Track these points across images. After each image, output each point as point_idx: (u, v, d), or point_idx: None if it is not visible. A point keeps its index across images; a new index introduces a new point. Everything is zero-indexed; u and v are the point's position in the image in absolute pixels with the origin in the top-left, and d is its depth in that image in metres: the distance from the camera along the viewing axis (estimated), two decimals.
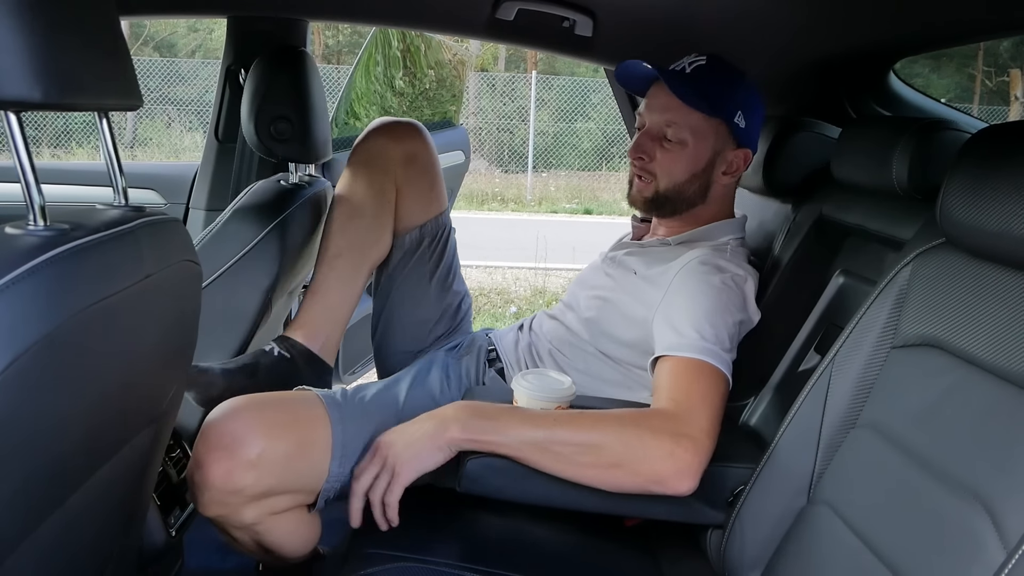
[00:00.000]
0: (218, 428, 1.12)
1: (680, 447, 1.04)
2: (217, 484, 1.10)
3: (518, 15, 1.63)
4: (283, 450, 1.14)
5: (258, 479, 1.12)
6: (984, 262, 0.90)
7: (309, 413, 1.21)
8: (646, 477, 1.05)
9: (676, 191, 1.39)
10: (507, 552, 1.17)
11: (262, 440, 1.12)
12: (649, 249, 1.44)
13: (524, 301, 5.36)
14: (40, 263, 0.63)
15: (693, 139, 1.37)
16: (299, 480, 1.18)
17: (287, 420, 1.18)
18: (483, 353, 1.52)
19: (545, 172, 11.26)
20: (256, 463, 1.11)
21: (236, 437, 1.11)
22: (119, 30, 0.80)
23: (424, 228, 1.60)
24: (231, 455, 1.10)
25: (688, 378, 1.14)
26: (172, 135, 11.00)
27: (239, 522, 1.16)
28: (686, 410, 1.09)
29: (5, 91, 0.64)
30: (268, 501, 1.16)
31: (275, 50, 1.70)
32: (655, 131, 1.38)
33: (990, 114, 11.56)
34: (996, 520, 0.74)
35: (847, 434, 1.02)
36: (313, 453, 1.18)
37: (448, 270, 1.64)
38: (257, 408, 1.16)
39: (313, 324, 1.52)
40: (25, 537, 0.68)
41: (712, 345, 1.17)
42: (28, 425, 0.63)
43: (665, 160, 1.38)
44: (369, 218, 1.56)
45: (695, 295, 1.25)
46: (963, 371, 0.87)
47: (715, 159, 1.39)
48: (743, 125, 1.39)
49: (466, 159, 2.71)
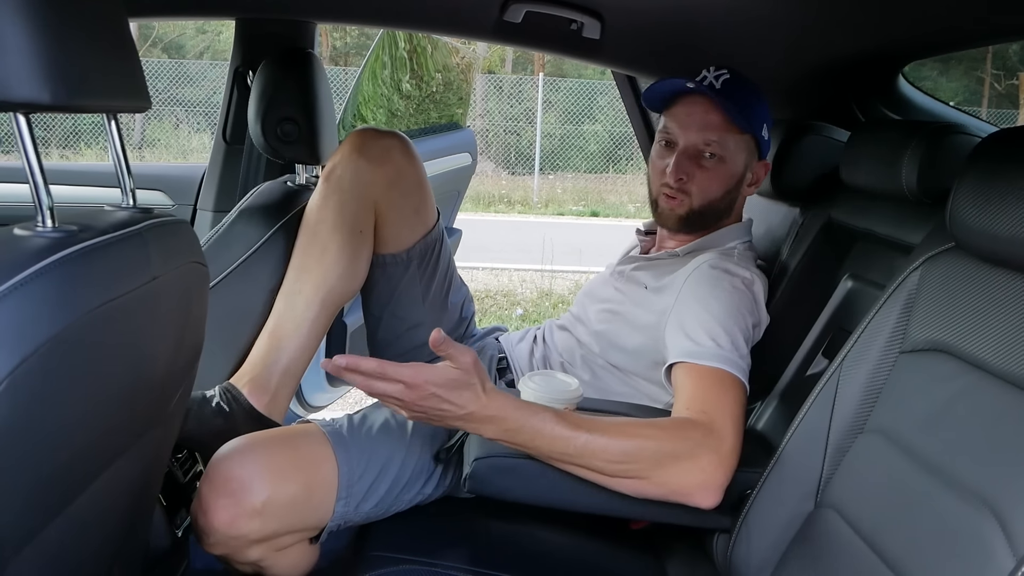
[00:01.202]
0: (223, 473, 1.11)
1: (712, 465, 1.05)
2: (222, 530, 1.10)
3: (526, 17, 1.63)
4: (289, 495, 1.13)
5: (263, 525, 1.11)
6: (994, 267, 0.90)
7: (315, 453, 1.18)
8: (673, 490, 1.06)
9: (710, 207, 1.38)
10: (512, 555, 1.16)
11: (268, 487, 1.11)
12: (658, 262, 1.43)
13: (530, 303, 5.36)
14: (48, 264, 0.63)
15: (730, 155, 1.36)
16: (304, 521, 1.17)
17: (293, 463, 1.16)
18: (493, 363, 1.50)
19: (552, 174, 11.26)
20: (261, 511, 1.10)
21: (241, 483, 1.10)
22: (128, 32, 0.80)
23: (411, 251, 1.48)
24: (236, 503, 1.09)
25: (714, 390, 1.13)
26: (180, 136, 11.04)
27: (243, 559, 1.16)
28: (717, 426, 1.08)
29: (14, 93, 0.64)
30: (272, 542, 1.15)
31: (282, 52, 1.70)
32: (692, 150, 1.35)
33: (999, 117, 11.52)
34: (1005, 526, 0.73)
35: (855, 439, 1.01)
36: (318, 495, 1.17)
37: (443, 284, 1.55)
38: (263, 450, 1.14)
39: (263, 375, 1.38)
40: (32, 538, 0.68)
41: (731, 354, 1.17)
42: (36, 426, 0.63)
43: (703, 178, 1.36)
44: (335, 253, 1.42)
45: (707, 300, 1.24)
46: (972, 376, 0.87)
47: (745, 173, 1.40)
48: (767, 137, 1.41)
49: (473, 161, 2.71)
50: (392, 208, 1.45)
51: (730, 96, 1.33)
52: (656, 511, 1.13)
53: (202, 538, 1.12)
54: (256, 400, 1.37)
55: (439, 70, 2.88)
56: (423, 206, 1.49)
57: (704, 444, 1.06)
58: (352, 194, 1.43)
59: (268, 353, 1.40)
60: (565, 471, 1.07)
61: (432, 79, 2.86)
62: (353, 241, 1.43)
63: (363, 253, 1.45)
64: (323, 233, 1.43)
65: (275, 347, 1.40)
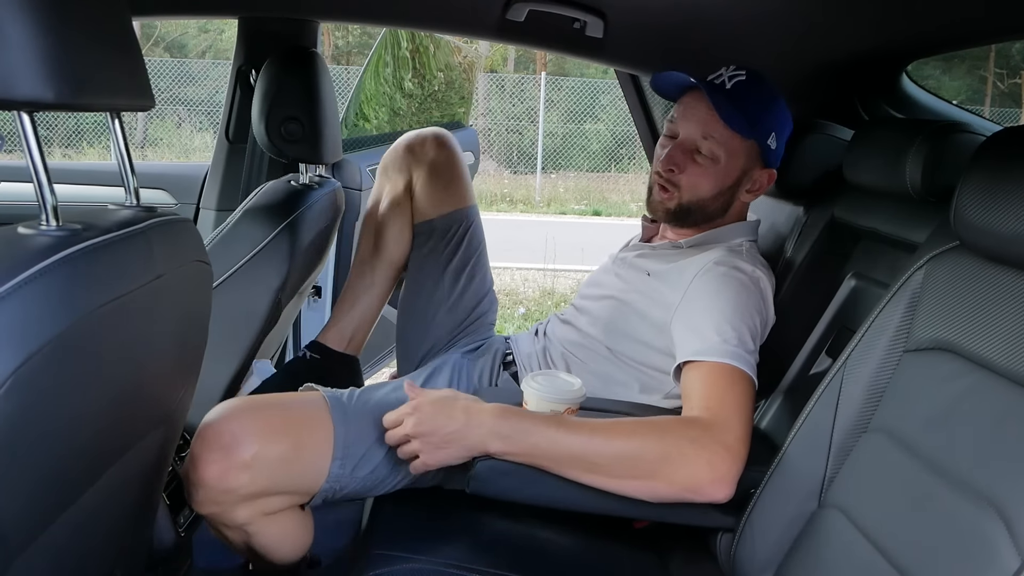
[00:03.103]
0: (215, 428, 1.13)
1: (717, 456, 1.05)
2: (211, 483, 1.11)
3: (528, 16, 1.62)
4: (278, 452, 1.14)
5: (252, 480, 1.12)
6: (998, 265, 0.90)
7: (310, 414, 1.21)
8: (683, 487, 1.05)
9: (699, 205, 1.38)
10: (515, 554, 1.16)
11: (257, 442, 1.12)
12: (660, 251, 1.43)
13: (533, 302, 5.36)
14: (52, 263, 0.63)
15: (726, 156, 1.35)
16: (294, 482, 1.18)
17: (285, 422, 1.18)
18: (499, 356, 1.52)
19: (554, 173, 11.26)
20: (250, 464, 1.11)
21: (232, 437, 1.12)
22: (131, 30, 0.80)
23: (435, 222, 1.66)
24: (226, 456, 1.11)
25: (720, 384, 1.13)
26: (183, 135, 11.05)
27: (231, 521, 1.17)
28: (722, 419, 1.08)
29: (18, 91, 0.64)
30: (261, 502, 1.16)
31: (285, 51, 1.70)
32: (688, 144, 1.36)
33: (1002, 116, 11.51)
34: (1010, 526, 0.73)
35: (859, 438, 1.01)
36: (311, 455, 1.18)
37: (464, 265, 1.66)
38: (254, 409, 1.17)
39: (341, 327, 1.73)
40: (36, 536, 0.68)
41: (737, 348, 1.17)
42: (39, 425, 0.63)
43: (694, 174, 1.36)
44: (388, 221, 1.71)
45: (715, 298, 1.24)
46: (977, 375, 0.87)
47: (742, 178, 1.39)
48: (774, 147, 1.38)
49: (475, 160, 2.72)
50: (421, 182, 1.68)
51: (738, 99, 1.33)
52: (659, 510, 1.12)
53: (192, 494, 1.13)
54: (336, 345, 1.72)
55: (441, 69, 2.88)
56: (453, 187, 1.68)
57: (708, 437, 1.06)
58: (394, 169, 1.72)
59: (343, 310, 1.74)
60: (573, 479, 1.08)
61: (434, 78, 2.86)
62: (399, 208, 1.70)
63: (406, 221, 1.71)
64: (378, 206, 1.74)
65: (347, 309, 1.74)
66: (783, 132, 1.40)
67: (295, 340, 2.19)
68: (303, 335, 2.20)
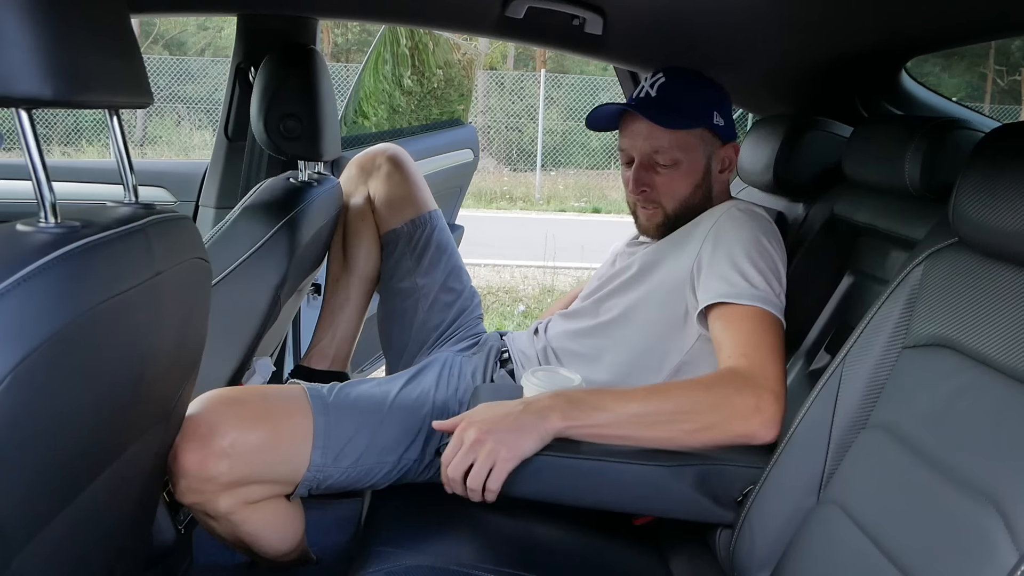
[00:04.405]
0: (193, 419, 1.14)
1: (764, 401, 1.10)
2: (191, 472, 1.13)
3: (528, 13, 1.62)
4: (256, 439, 1.16)
5: (231, 467, 1.14)
6: (997, 262, 0.90)
7: (289, 404, 1.23)
8: (737, 434, 1.11)
9: (684, 207, 1.40)
10: (515, 551, 1.17)
11: (234, 430, 1.14)
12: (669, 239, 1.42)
13: (532, 300, 5.36)
14: (51, 260, 0.63)
15: (684, 156, 1.38)
16: (275, 470, 1.20)
17: (263, 411, 1.20)
18: (494, 353, 1.52)
19: (554, 171, 11.25)
20: (228, 452, 1.13)
21: (209, 427, 1.13)
22: (130, 28, 0.80)
23: (398, 231, 1.74)
24: (204, 444, 1.12)
25: (753, 329, 1.17)
26: (181, 133, 11.04)
27: (215, 511, 1.18)
28: (760, 366, 1.13)
29: (17, 88, 0.64)
30: (242, 490, 1.17)
31: (284, 48, 1.70)
32: (646, 161, 1.39)
33: (1002, 113, 11.50)
34: (1008, 522, 0.73)
35: (858, 434, 1.01)
36: (290, 443, 1.20)
37: (435, 265, 1.72)
38: (232, 399, 1.19)
39: (322, 346, 1.78)
40: (36, 533, 0.68)
41: (766, 292, 1.20)
42: (38, 422, 0.64)
43: (664, 184, 1.39)
44: (354, 236, 1.79)
45: (736, 243, 1.26)
46: (975, 372, 0.87)
47: (709, 164, 1.41)
48: (722, 123, 1.40)
49: (475, 157, 2.71)
50: (380, 197, 1.77)
51: (668, 100, 1.36)
52: (660, 507, 1.13)
53: (175, 484, 1.15)
54: (320, 365, 1.76)
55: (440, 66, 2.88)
56: (410, 196, 1.77)
57: (752, 387, 1.11)
58: (353, 194, 1.82)
59: (322, 330, 1.79)
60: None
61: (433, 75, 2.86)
62: (363, 222, 1.78)
63: (371, 233, 1.79)
64: (342, 229, 1.82)
65: (327, 323, 1.79)
66: (723, 104, 1.41)
67: (295, 338, 2.19)
68: (303, 333, 2.20)
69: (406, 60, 2.78)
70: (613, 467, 1.10)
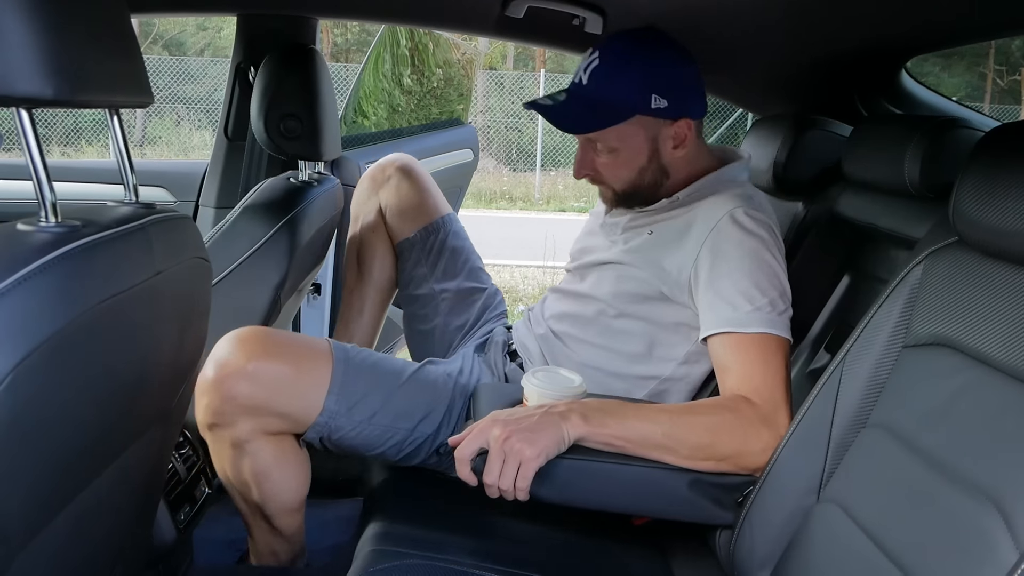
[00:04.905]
0: (223, 346, 1.22)
1: (773, 437, 1.12)
2: (215, 390, 1.20)
3: (528, 13, 1.62)
4: (278, 370, 1.22)
5: (251, 391, 1.20)
6: (997, 261, 0.90)
7: (313, 349, 1.29)
8: (744, 467, 1.13)
9: (634, 187, 1.34)
10: (515, 550, 1.17)
11: (258, 358, 1.21)
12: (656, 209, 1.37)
13: (532, 299, 5.36)
14: (52, 260, 0.63)
15: (621, 143, 1.30)
16: (291, 403, 1.24)
17: (288, 348, 1.26)
18: (502, 347, 1.52)
19: (553, 171, 11.24)
20: (251, 375, 1.20)
21: (236, 352, 1.21)
22: (130, 27, 0.80)
23: (412, 238, 1.74)
24: (229, 366, 1.20)
25: (761, 359, 1.16)
26: (181, 133, 11.04)
27: (232, 436, 1.23)
28: (769, 399, 1.14)
29: (17, 88, 0.64)
30: (260, 419, 1.23)
31: (284, 48, 1.70)
32: (585, 145, 1.34)
33: (1001, 113, 11.50)
34: (1008, 520, 0.73)
35: (857, 434, 1.01)
36: (308, 381, 1.25)
37: (454, 267, 1.72)
38: (262, 334, 1.25)
39: None
40: (37, 533, 0.68)
41: (768, 313, 1.18)
42: (39, 422, 0.64)
43: (606, 169, 1.33)
44: (367, 246, 1.80)
45: (737, 262, 1.21)
46: (975, 371, 0.87)
47: (656, 145, 1.31)
48: (664, 104, 1.28)
49: (474, 157, 2.72)
50: (392, 207, 1.76)
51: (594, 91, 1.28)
52: (660, 508, 1.13)
53: (198, 403, 1.22)
54: None
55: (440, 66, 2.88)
56: (423, 203, 1.75)
57: (769, 424, 1.13)
58: (364, 199, 1.81)
59: (339, 339, 1.72)
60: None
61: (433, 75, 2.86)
62: (374, 233, 1.78)
63: (383, 242, 1.79)
64: (355, 237, 1.83)
65: (342, 334, 1.81)
66: (664, 82, 1.28)
67: None
68: (303, 333, 2.20)
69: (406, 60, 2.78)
70: (613, 468, 1.10)
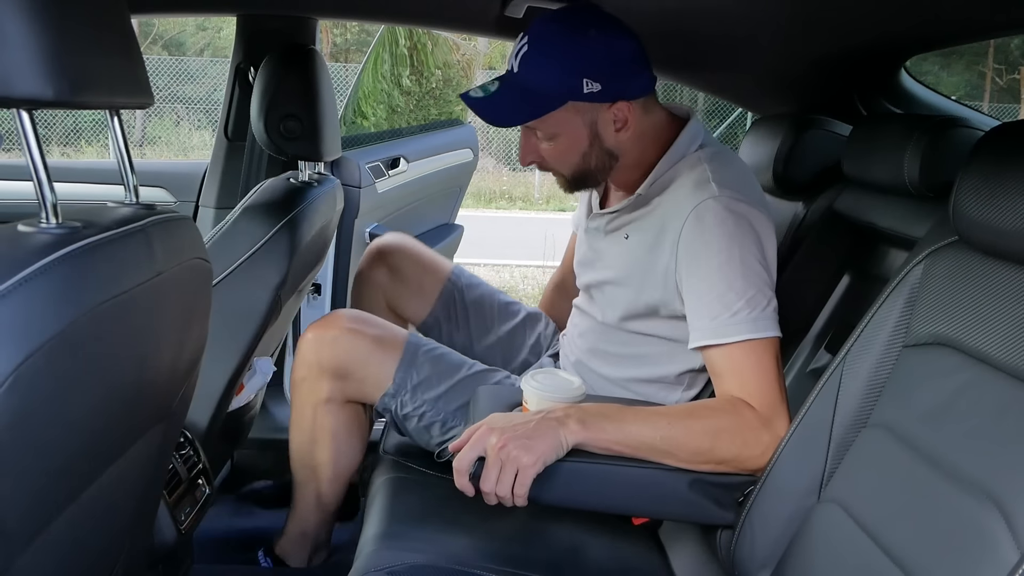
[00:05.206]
0: (319, 322, 1.46)
1: (772, 439, 1.13)
2: (304, 351, 1.44)
3: (527, 13, 1.62)
4: (358, 342, 1.42)
5: (334, 354, 1.42)
6: (997, 260, 0.90)
7: (392, 332, 1.46)
8: (745, 468, 1.14)
9: (580, 172, 1.32)
10: (516, 550, 1.17)
11: (345, 331, 1.43)
12: (626, 211, 1.35)
13: (532, 300, 5.36)
14: (52, 261, 0.63)
15: (560, 129, 1.27)
16: (367, 371, 1.42)
17: (371, 327, 1.44)
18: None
19: None
20: (334, 343, 1.42)
21: (327, 325, 1.45)
22: (130, 28, 0.80)
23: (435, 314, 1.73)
24: (320, 332, 1.44)
25: (748, 363, 1.16)
26: (181, 133, 11.03)
27: (315, 394, 1.45)
28: (767, 403, 1.14)
29: (17, 89, 0.64)
30: (339, 384, 1.44)
31: (284, 48, 1.70)
32: (527, 133, 1.31)
33: (1000, 112, 11.49)
34: (1009, 519, 0.73)
35: (858, 433, 1.01)
36: (382, 356, 1.42)
37: (485, 319, 1.72)
38: (353, 314, 1.48)
39: None
40: (37, 533, 0.68)
41: (748, 314, 1.15)
42: (40, 422, 0.64)
43: (550, 155, 1.31)
44: None
45: (707, 260, 1.19)
46: (976, 370, 0.87)
47: (596, 130, 1.27)
48: (597, 88, 1.22)
49: (474, 157, 2.72)
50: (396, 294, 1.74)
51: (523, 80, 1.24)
52: (661, 508, 1.13)
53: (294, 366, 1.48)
54: None
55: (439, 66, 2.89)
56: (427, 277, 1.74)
57: (769, 427, 1.13)
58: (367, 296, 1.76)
59: None
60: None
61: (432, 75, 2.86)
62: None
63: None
64: None
65: None
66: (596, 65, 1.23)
67: (295, 338, 2.19)
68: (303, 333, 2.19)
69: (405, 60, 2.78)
70: (613, 470, 1.10)
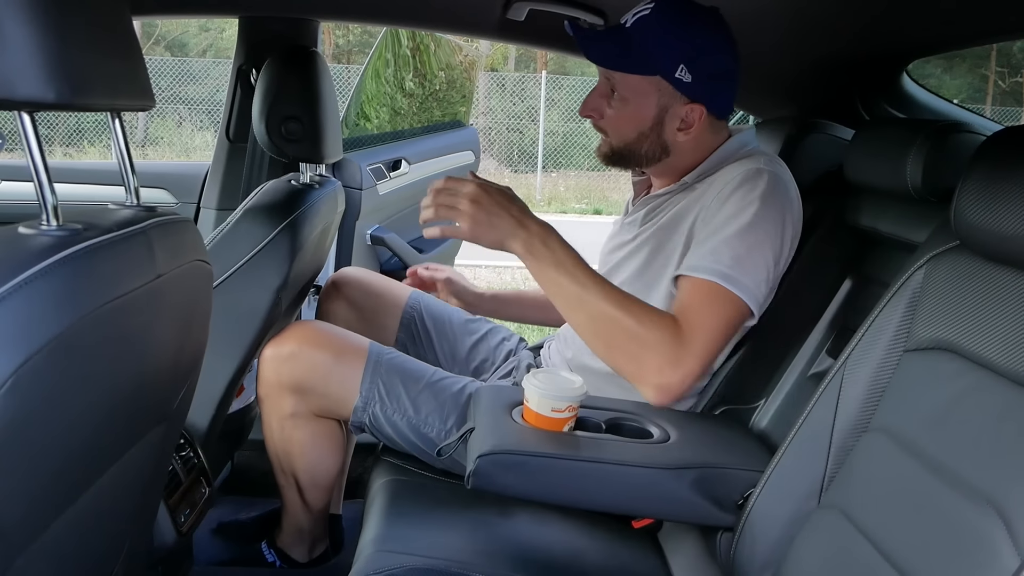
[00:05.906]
0: (276, 338, 1.44)
1: (670, 366, 1.15)
2: (263, 370, 1.43)
3: (529, 15, 1.63)
4: (317, 356, 1.40)
5: (292, 371, 1.40)
6: (998, 265, 0.90)
7: (354, 343, 1.43)
8: (629, 373, 1.18)
9: (628, 149, 1.35)
10: (515, 553, 1.17)
11: (304, 345, 1.41)
12: (666, 195, 1.38)
13: None
14: (53, 263, 0.63)
15: (634, 97, 1.30)
16: (330, 387, 1.40)
17: (331, 340, 1.43)
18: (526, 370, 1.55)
19: (555, 172, 11.26)
20: (292, 359, 1.40)
21: (284, 340, 1.42)
22: (131, 29, 0.80)
23: (400, 340, 1.73)
24: (277, 349, 1.42)
25: (699, 301, 1.19)
26: (183, 134, 11.05)
27: (279, 409, 1.43)
28: (688, 333, 1.16)
29: (19, 91, 0.64)
30: (302, 399, 1.42)
31: (286, 50, 1.70)
32: (602, 88, 1.33)
33: (1003, 115, 11.50)
34: (1010, 526, 0.73)
35: (859, 438, 1.01)
36: (346, 369, 1.39)
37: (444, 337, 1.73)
38: (311, 326, 1.46)
39: None
40: (37, 535, 0.68)
41: (729, 269, 1.18)
42: (40, 424, 0.64)
43: (612, 118, 1.33)
44: None
45: (726, 221, 1.22)
46: (977, 375, 0.87)
47: (663, 116, 1.31)
48: (688, 79, 1.27)
49: (476, 159, 2.72)
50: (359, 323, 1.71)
51: (631, 36, 1.27)
52: (661, 509, 1.13)
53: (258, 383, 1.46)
54: None
55: (442, 68, 2.89)
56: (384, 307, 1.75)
57: (669, 344, 1.15)
58: None
59: None
60: None
61: (435, 77, 2.86)
62: None
63: None
64: None
65: None
66: (702, 62, 1.27)
67: None
68: None
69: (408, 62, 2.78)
70: (614, 470, 1.10)
